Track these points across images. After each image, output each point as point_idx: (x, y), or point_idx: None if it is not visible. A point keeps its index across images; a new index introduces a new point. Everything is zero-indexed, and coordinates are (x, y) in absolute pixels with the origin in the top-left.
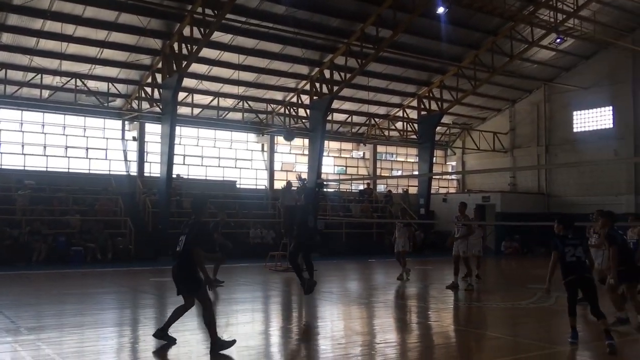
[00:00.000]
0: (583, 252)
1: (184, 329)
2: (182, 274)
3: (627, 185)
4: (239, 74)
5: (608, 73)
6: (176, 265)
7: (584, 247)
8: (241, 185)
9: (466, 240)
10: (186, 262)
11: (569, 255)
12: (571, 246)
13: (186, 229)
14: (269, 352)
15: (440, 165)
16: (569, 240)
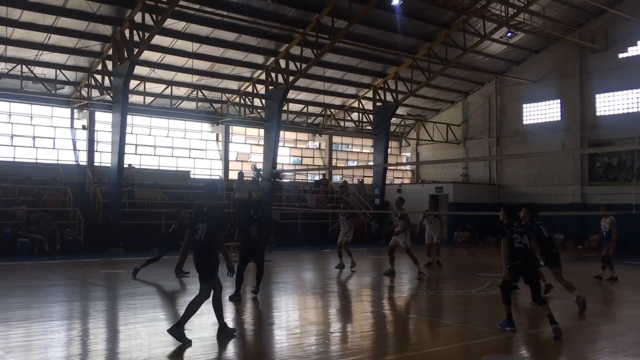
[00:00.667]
0: (528, 240)
1: (134, 321)
2: (203, 261)
3: (574, 176)
4: (193, 62)
5: (556, 67)
6: (198, 253)
7: (529, 236)
8: (195, 175)
9: (406, 232)
10: (209, 249)
11: (517, 242)
12: (518, 234)
13: (204, 216)
14: (223, 343)
15: (395, 156)
16: (515, 228)
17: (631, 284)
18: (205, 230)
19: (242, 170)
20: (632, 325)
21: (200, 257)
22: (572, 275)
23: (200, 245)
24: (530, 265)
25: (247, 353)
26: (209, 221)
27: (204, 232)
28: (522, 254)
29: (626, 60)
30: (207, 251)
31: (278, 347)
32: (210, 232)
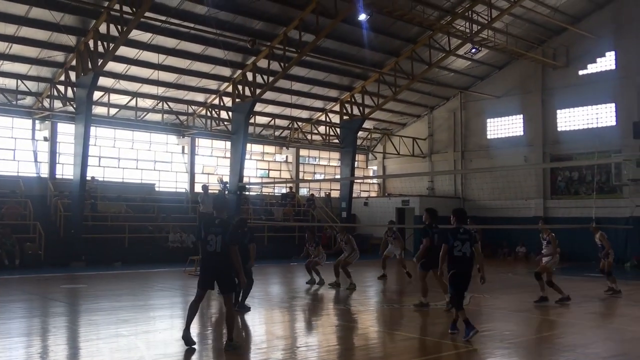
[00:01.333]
0: (470, 248)
1: (96, 337)
2: (223, 274)
3: (536, 189)
4: (159, 74)
5: (519, 83)
6: (214, 265)
7: (471, 243)
8: (160, 188)
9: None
10: (226, 261)
11: (457, 249)
12: (460, 241)
13: (217, 229)
14: (189, 358)
15: (361, 169)
16: (460, 234)
17: (589, 296)
18: (220, 242)
19: (208, 183)
20: (591, 336)
21: (219, 269)
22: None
23: (216, 257)
24: (465, 273)
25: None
26: (223, 233)
27: (219, 244)
28: (459, 262)
29: (586, 77)
30: (224, 262)
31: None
32: (225, 244)
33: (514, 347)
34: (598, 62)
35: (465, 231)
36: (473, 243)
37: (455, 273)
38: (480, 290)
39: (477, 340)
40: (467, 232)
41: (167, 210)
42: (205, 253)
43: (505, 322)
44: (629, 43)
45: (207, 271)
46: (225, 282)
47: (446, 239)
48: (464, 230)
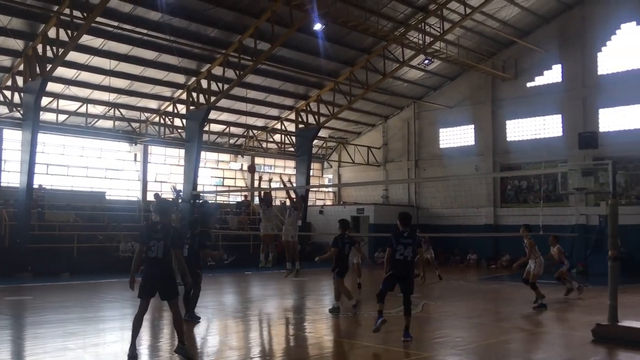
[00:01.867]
0: (412, 252)
1: (42, 351)
2: (165, 280)
3: (487, 198)
4: (111, 80)
5: (470, 94)
6: (157, 271)
7: (414, 247)
8: (111, 196)
9: None
10: (169, 267)
11: (399, 253)
12: (402, 245)
13: (158, 234)
14: None
15: (317, 177)
16: (403, 238)
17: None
18: (162, 248)
19: (161, 191)
20: (539, 342)
21: (161, 275)
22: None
23: (158, 263)
24: (405, 277)
25: None
26: (164, 239)
27: (161, 250)
28: (399, 265)
29: (534, 89)
30: (167, 269)
31: None
32: (167, 249)
33: (464, 353)
34: (545, 75)
35: (410, 235)
36: (416, 247)
37: (393, 275)
38: (433, 297)
39: (429, 346)
40: (411, 236)
41: (118, 219)
42: (147, 260)
43: (457, 328)
44: (574, 56)
45: (148, 279)
46: (167, 288)
47: (390, 243)
48: (408, 235)
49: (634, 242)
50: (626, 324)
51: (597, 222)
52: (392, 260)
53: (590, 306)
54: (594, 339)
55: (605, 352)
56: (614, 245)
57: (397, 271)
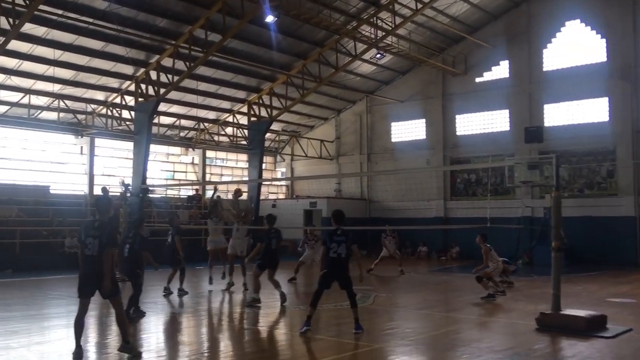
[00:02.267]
0: (345, 250)
1: None
2: (99, 276)
3: (437, 191)
4: (55, 71)
5: (421, 88)
6: (93, 269)
7: (347, 244)
8: (56, 190)
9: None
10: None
11: (332, 251)
12: (336, 242)
13: (95, 231)
14: None
15: (270, 171)
16: (336, 236)
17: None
18: (97, 245)
19: (108, 185)
20: (485, 331)
21: (98, 273)
22: (435, 285)
23: (91, 261)
24: (340, 274)
25: None
26: (100, 237)
27: (96, 248)
28: (333, 263)
29: (482, 84)
30: (101, 266)
31: None
32: (103, 247)
33: (414, 343)
34: (493, 71)
35: (343, 232)
36: (349, 244)
37: (327, 273)
38: (384, 289)
39: (380, 338)
40: (344, 233)
41: (64, 213)
42: (83, 257)
43: (407, 320)
44: (520, 53)
45: (86, 277)
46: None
47: (324, 242)
48: (342, 232)
49: (577, 234)
50: (569, 313)
51: (542, 214)
52: (326, 259)
53: (534, 296)
54: (538, 327)
55: (548, 339)
56: (558, 237)
57: (330, 269)
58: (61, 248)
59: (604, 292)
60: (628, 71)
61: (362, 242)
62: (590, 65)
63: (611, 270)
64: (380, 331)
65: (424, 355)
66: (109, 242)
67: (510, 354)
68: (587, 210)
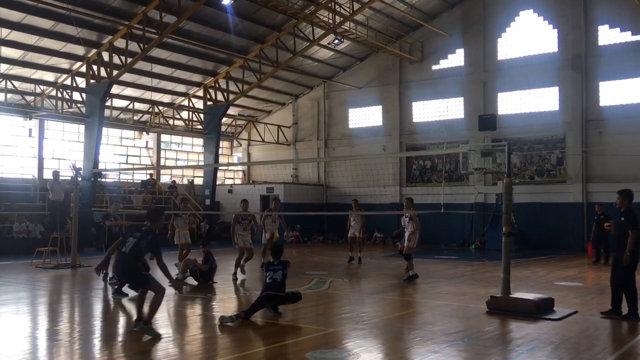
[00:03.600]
0: (281, 275)
1: None
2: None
3: (394, 177)
4: (2, 50)
5: (378, 75)
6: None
7: (283, 272)
8: (3, 174)
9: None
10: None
11: (269, 277)
12: (272, 271)
13: (137, 233)
14: (37, 357)
15: (226, 156)
16: (273, 266)
17: (438, 277)
18: (132, 246)
19: (59, 169)
20: (438, 315)
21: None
22: (389, 270)
23: (123, 258)
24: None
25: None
26: (139, 239)
27: (129, 247)
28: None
29: (438, 72)
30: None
31: (97, 356)
32: (137, 248)
33: (368, 327)
34: (449, 59)
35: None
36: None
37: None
38: (339, 274)
39: (334, 322)
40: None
41: (12, 198)
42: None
43: (362, 304)
44: (475, 42)
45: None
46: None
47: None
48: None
49: (527, 219)
50: (518, 296)
51: (494, 200)
52: (265, 284)
53: (486, 280)
54: (489, 310)
55: (498, 322)
56: (508, 222)
57: (271, 290)
58: (9, 233)
59: (552, 276)
60: (578, 61)
61: (320, 229)
62: (542, 55)
63: (559, 254)
64: (336, 315)
65: (377, 338)
66: (149, 249)
67: (462, 337)
68: (537, 197)
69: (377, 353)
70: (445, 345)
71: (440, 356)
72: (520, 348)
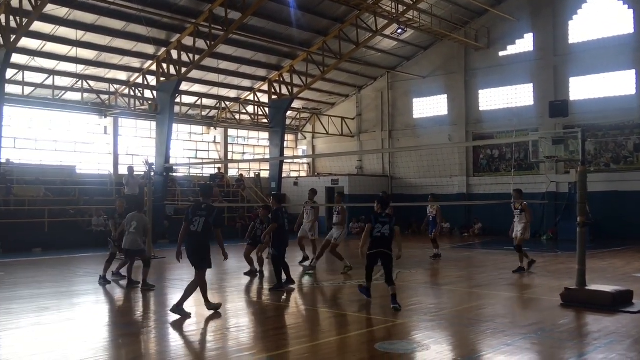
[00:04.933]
0: (389, 230)
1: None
2: (200, 251)
3: (460, 167)
4: (77, 51)
5: (443, 63)
6: (195, 243)
7: (390, 226)
8: (81, 170)
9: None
10: (204, 241)
11: (376, 231)
12: (380, 223)
13: (202, 212)
14: (116, 345)
15: (291, 149)
16: (381, 217)
17: (509, 268)
18: (202, 224)
19: (133, 164)
20: (510, 307)
21: (196, 247)
22: (457, 262)
23: (195, 236)
24: (384, 253)
25: (143, 352)
26: (207, 217)
27: (201, 225)
28: (378, 242)
29: (506, 58)
30: (202, 242)
31: (174, 344)
32: (207, 226)
33: (437, 319)
34: (517, 44)
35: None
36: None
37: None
38: (407, 266)
39: (402, 313)
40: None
41: (90, 193)
42: (189, 232)
43: (430, 296)
44: (544, 25)
45: (189, 250)
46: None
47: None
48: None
49: (602, 209)
50: (593, 288)
51: (567, 189)
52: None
53: (559, 271)
54: (563, 302)
55: (573, 315)
56: (583, 212)
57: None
58: (88, 227)
59: (630, 268)
60: None
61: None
62: (616, 37)
63: (637, 245)
64: (403, 307)
65: (447, 330)
66: (216, 223)
67: (536, 330)
68: (613, 185)
69: (446, 345)
70: (518, 338)
71: (513, 349)
72: (598, 342)
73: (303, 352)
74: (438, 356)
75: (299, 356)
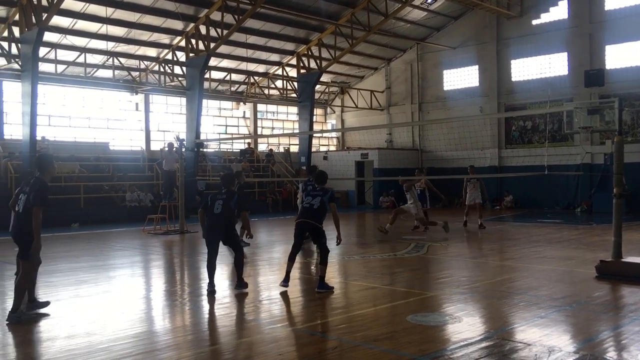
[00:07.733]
0: (319, 203)
1: (55, 299)
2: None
3: (492, 139)
4: (108, 28)
5: (474, 33)
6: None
7: (322, 199)
8: (114, 147)
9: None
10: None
11: (306, 202)
12: (311, 196)
13: (222, 196)
14: (153, 316)
15: (320, 123)
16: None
17: (542, 241)
18: (222, 206)
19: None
20: (543, 279)
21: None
22: (489, 234)
23: (217, 217)
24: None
25: (178, 324)
26: (227, 200)
27: (221, 207)
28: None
29: (539, 26)
30: (225, 223)
31: (208, 317)
32: (228, 208)
33: (469, 292)
34: (551, 12)
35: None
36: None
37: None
38: (438, 239)
39: (433, 286)
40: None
41: (123, 169)
42: (210, 214)
43: (462, 268)
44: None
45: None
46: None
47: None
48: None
49: (638, 180)
50: (630, 260)
51: (602, 160)
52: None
53: (593, 243)
54: (598, 275)
55: (608, 287)
56: (619, 183)
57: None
58: (122, 202)
59: None
60: None
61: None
62: None
63: None
64: (435, 280)
65: (479, 302)
66: (239, 207)
67: (570, 302)
68: None
69: (479, 317)
70: (552, 311)
71: (547, 321)
72: (634, 314)
73: (336, 324)
74: (470, 328)
75: (332, 327)
